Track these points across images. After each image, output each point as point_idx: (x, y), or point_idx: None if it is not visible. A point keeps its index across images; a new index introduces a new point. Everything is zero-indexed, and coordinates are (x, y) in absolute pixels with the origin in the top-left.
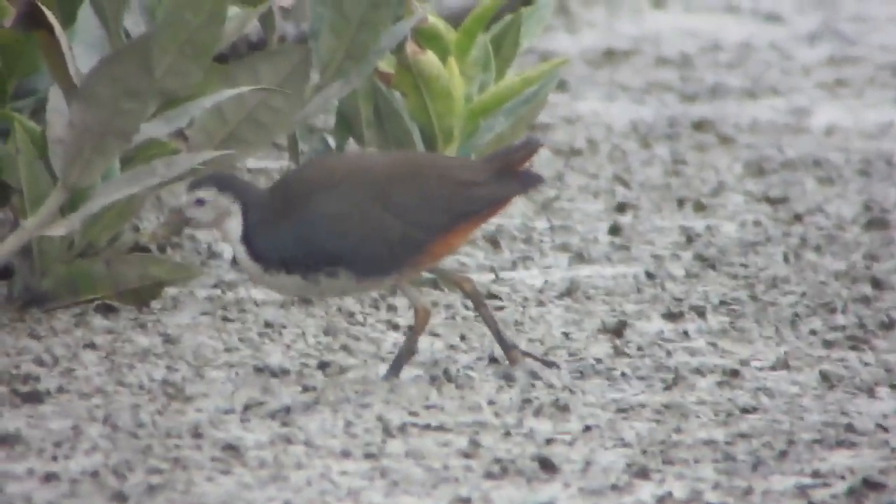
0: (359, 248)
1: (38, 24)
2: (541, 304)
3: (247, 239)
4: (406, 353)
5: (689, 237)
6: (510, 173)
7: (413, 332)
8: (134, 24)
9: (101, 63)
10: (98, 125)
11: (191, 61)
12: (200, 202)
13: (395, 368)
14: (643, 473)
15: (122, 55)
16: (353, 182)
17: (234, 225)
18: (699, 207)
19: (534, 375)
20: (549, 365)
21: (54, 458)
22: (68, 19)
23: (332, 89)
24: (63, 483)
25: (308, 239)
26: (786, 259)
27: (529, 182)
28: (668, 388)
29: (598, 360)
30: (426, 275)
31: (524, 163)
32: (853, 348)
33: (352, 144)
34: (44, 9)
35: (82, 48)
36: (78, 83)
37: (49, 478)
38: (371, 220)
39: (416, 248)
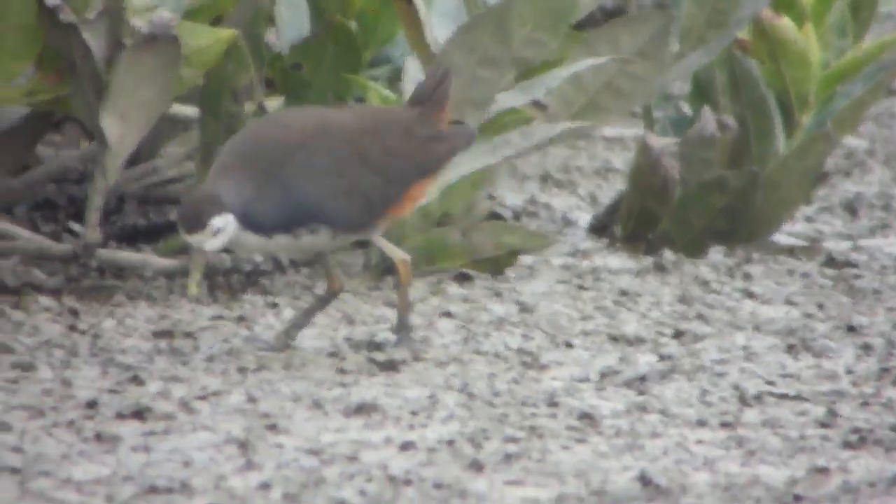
0: (340, 202)
1: None
2: None
3: (242, 220)
4: (405, 307)
5: None
6: (450, 128)
7: (401, 289)
8: None
9: (458, 31)
10: (455, 94)
11: (547, 30)
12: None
13: (403, 324)
14: None
15: (479, 23)
16: (325, 138)
17: (230, 222)
18: None
19: (892, 344)
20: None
21: (411, 427)
22: None
23: (692, 58)
24: (420, 452)
25: (296, 197)
26: None
27: (470, 136)
28: None
29: None
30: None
31: (448, 94)
32: None
33: (707, 112)
34: None
35: (439, 17)
36: (435, 52)
37: (406, 446)
38: (351, 175)
39: (388, 202)
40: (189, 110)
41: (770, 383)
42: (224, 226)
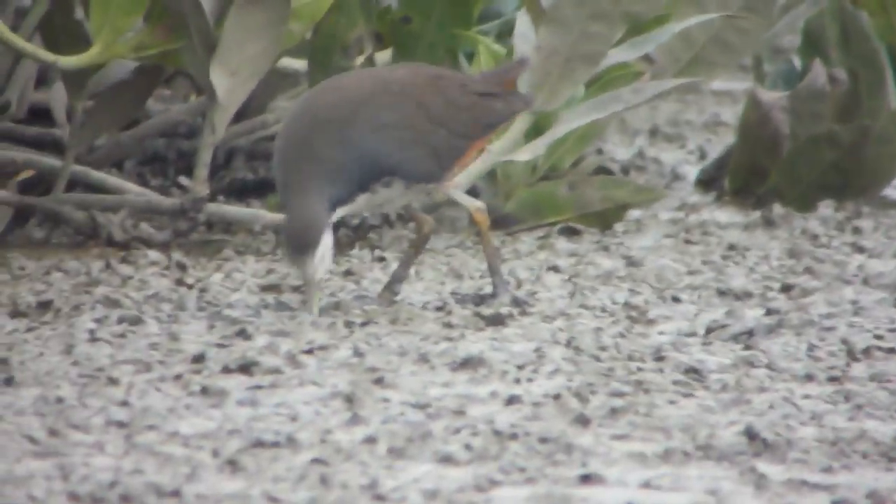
0: (408, 153)
1: None
2: None
3: (333, 208)
4: (492, 254)
5: None
6: (508, 91)
7: (483, 237)
8: None
9: None
10: (565, 49)
11: None
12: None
13: (495, 270)
14: None
15: None
16: (387, 93)
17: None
18: None
19: None
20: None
21: (517, 381)
22: None
23: (800, 10)
24: (525, 406)
25: (366, 153)
26: None
27: (529, 101)
28: None
29: None
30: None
31: (515, 81)
32: None
33: (817, 65)
34: None
35: None
36: (545, 6)
37: (512, 400)
38: (416, 126)
39: (455, 155)
40: (298, 64)
41: (878, 337)
42: (328, 238)
